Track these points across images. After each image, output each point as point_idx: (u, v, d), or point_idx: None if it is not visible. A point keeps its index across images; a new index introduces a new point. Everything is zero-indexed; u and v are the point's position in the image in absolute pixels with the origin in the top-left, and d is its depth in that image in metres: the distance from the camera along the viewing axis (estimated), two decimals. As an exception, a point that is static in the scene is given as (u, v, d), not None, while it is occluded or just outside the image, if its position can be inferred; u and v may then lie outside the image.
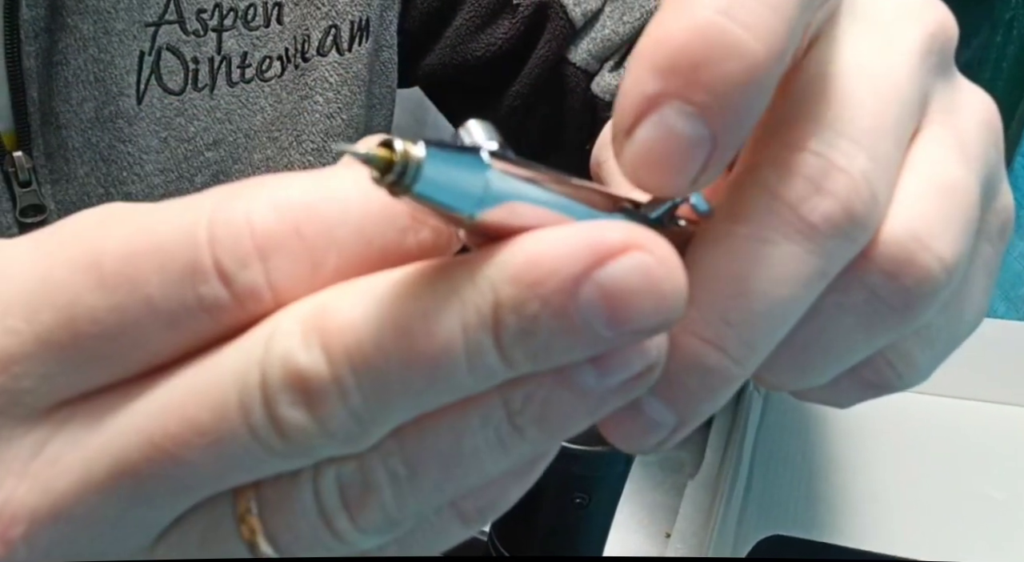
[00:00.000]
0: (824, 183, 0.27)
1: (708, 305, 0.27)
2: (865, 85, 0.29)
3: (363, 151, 0.23)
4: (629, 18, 0.76)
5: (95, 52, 0.61)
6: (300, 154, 0.72)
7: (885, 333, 0.30)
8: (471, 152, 0.24)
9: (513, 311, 0.24)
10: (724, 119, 0.25)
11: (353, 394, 0.24)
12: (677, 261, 0.24)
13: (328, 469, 0.26)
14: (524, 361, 0.24)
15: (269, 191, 0.25)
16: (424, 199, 0.23)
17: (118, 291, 0.25)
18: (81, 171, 0.63)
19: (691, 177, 0.25)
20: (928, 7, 0.32)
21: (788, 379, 0.30)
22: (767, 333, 0.28)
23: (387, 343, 0.24)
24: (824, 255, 0.27)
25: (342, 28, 0.71)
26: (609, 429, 0.28)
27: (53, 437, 0.26)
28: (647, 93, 0.25)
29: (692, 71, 0.24)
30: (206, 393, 0.25)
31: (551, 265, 0.24)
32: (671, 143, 0.25)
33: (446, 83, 0.84)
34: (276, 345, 0.24)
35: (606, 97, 0.76)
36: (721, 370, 0.27)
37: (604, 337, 0.24)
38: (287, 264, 0.25)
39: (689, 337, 0.27)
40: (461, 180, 0.24)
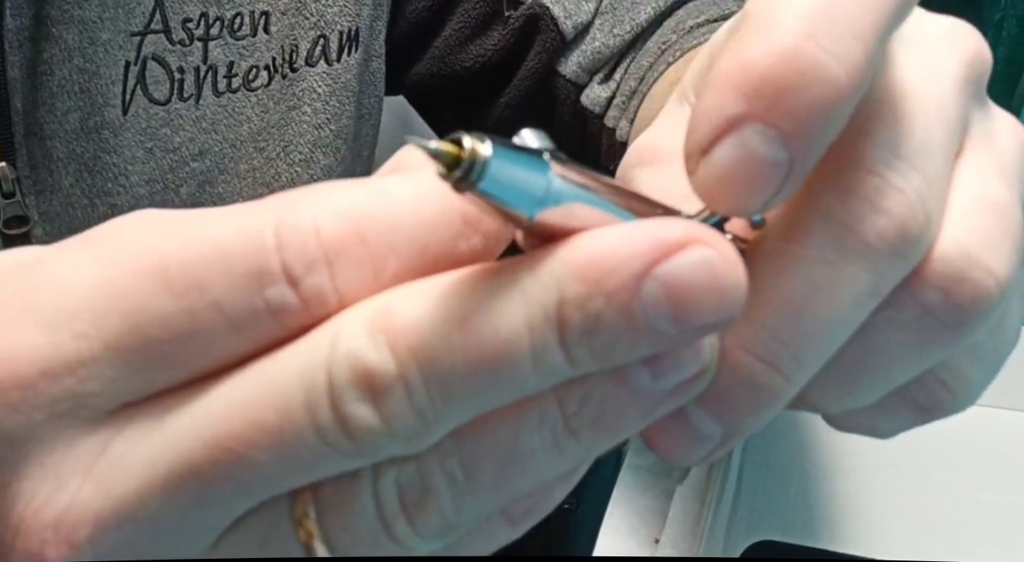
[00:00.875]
0: (880, 202, 0.28)
1: (761, 322, 0.28)
2: (917, 107, 0.29)
3: (433, 146, 0.23)
4: (619, 31, 0.76)
5: (80, 62, 0.61)
6: (288, 164, 0.71)
7: (937, 351, 0.30)
8: (534, 153, 0.25)
9: (578, 308, 0.24)
10: (803, 143, 0.25)
11: (419, 391, 0.24)
12: (737, 256, 0.25)
13: (388, 471, 0.26)
14: (587, 359, 0.25)
15: (332, 198, 0.26)
16: (487, 196, 0.24)
17: (186, 296, 0.26)
18: (66, 182, 0.63)
19: (765, 198, 0.26)
20: (966, 36, 0.33)
21: (835, 398, 0.31)
22: (818, 351, 0.28)
23: (453, 340, 0.24)
24: (878, 274, 0.28)
25: (331, 38, 0.71)
26: (656, 440, 0.29)
27: (116, 438, 0.27)
28: (729, 114, 0.25)
29: (776, 95, 0.25)
30: (272, 393, 0.25)
31: (615, 262, 0.24)
32: (750, 164, 0.25)
33: (434, 93, 0.85)
34: (343, 344, 0.25)
35: (595, 109, 0.77)
36: (771, 386, 0.28)
37: (666, 334, 0.24)
38: (351, 268, 0.26)
39: (742, 353, 0.28)
40: (524, 180, 0.24)
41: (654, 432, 0.29)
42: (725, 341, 0.28)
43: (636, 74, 0.75)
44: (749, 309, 0.27)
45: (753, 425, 0.29)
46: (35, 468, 0.27)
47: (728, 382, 0.28)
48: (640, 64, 0.75)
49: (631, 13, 0.76)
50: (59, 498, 0.27)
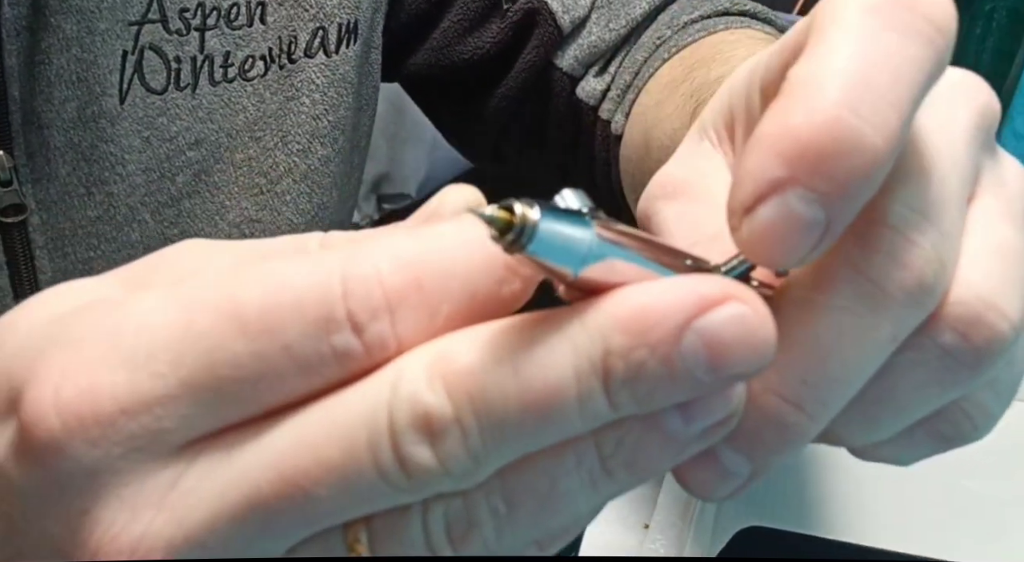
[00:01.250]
0: (900, 257, 0.29)
1: (788, 367, 0.29)
2: (933, 161, 0.31)
3: (488, 213, 0.26)
4: (615, 25, 0.77)
5: (78, 52, 0.61)
6: (285, 155, 0.72)
7: (956, 388, 0.32)
8: (578, 214, 0.27)
9: (622, 358, 0.26)
10: (840, 206, 0.27)
11: (473, 433, 0.26)
12: (768, 312, 0.27)
13: (437, 506, 0.28)
14: (628, 404, 0.27)
15: (393, 246, 0.28)
16: (536, 257, 0.26)
17: (259, 339, 0.27)
18: (63, 171, 0.63)
19: (803, 254, 0.28)
20: (976, 87, 0.34)
21: (859, 433, 0.32)
22: (841, 393, 0.30)
23: (506, 386, 0.26)
24: (897, 322, 0.30)
25: (329, 30, 0.71)
26: (688, 478, 0.31)
27: (187, 471, 0.28)
28: (772, 177, 0.27)
29: (818, 162, 0.27)
30: (336, 432, 0.27)
31: (658, 316, 0.26)
32: (790, 224, 0.27)
33: (431, 83, 0.85)
34: (403, 388, 0.27)
35: (590, 101, 0.78)
36: (797, 426, 0.30)
37: (702, 382, 0.26)
38: (410, 315, 0.28)
39: (770, 396, 0.30)
40: (569, 240, 0.26)
41: (686, 470, 0.30)
42: (753, 385, 0.29)
43: (631, 68, 0.76)
44: (777, 355, 0.28)
45: (778, 461, 0.30)
46: (113, 499, 0.28)
47: (757, 423, 0.30)
48: (635, 58, 0.76)
49: (627, 8, 0.77)
50: (134, 527, 0.28)
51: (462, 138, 0.92)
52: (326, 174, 0.74)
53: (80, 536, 0.28)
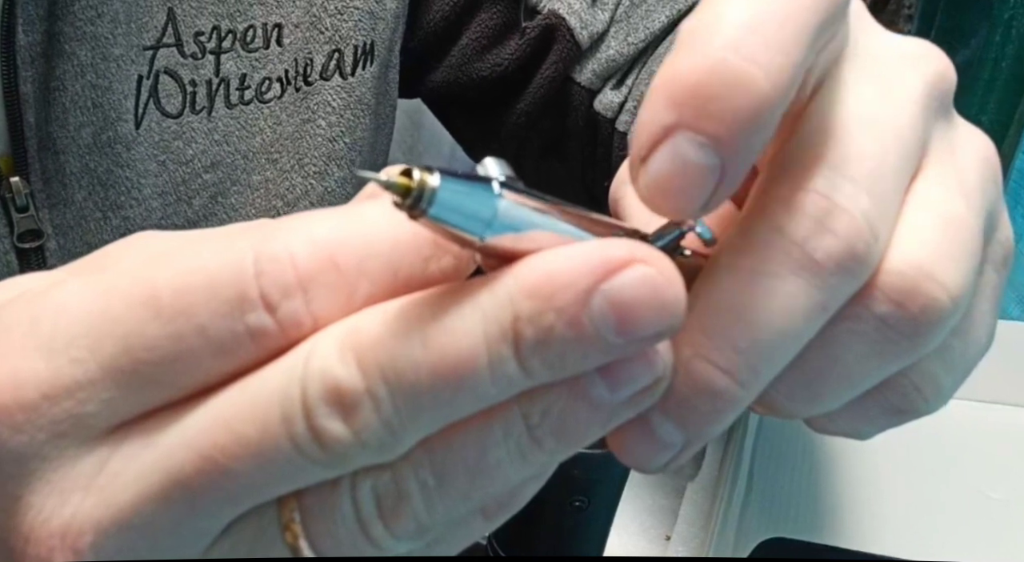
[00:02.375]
0: (828, 222, 0.29)
1: (718, 333, 0.30)
2: (867, 129, 0.31)
3: (384, 178, 0.26)
4: (633, 39, 0.77)
5: (93, 78, 0.61)
6: (302, 177, 0.72)
7: (896, 359, 0.32)
8: (481, 180, 0.27)
9: (530, 322, 0.26)
10: (732, 148, 0.27)
11: (385, 404, 0.27)
12: (676, 273, 0.27)
13: (364, 480, 0.28)
14: (541, 370, 0.27)
15: (307, 227, 0.28)
16: (439, 222, 0.26)
17: (174, 321, 0.28)
18: (79, 196, 0.63)
19: (701, 201, 0.28)
20: (929, 56, 0.35)
21: (803, 403, 0.33)
22: (771, 361, 0.30)
23: (416, 355, 0.26)
24: (826, 289, 0.30)
25: (345, 52, 0.71)
26: (622, 449, 0.31)
27: (113, 455, 0.29)
28: (662, 124, 0.27)
29: (703, 104, 0.27)
30: (251, 409, 0.27)
31: (564, 279, 0.26)
32: (683, 170, 0.27)
33: (450, 99, 0.85)
34: (314, 362, 0.27)
35: (608, 114, 0.78)
36: (729, 393, 0.30)
37: (613, 344, 0.26)
38: (325, 293, 0.28)
39: (700, 362, 0.29)
40: (472, 205, 0.26)
41: (620, 441, 0.31)
42: (683, 351, 0.30)
43: (647, 80, 0.76)
44: (706, 321, 0.30)
45: (713, 431, 0.30)
46: (42, 484, 0.29)
47: (687, 390, 0.30)
48: (652, 70, 0.76)
49: (645, 21, 0.77)
50: (64, 510, 0.29)
51: (481, 152, 0.90)
52: (343, 196, 0.75)
53: (14, 521, 0.29)
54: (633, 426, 0.30)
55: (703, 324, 0.30)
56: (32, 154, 0.61)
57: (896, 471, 0.76)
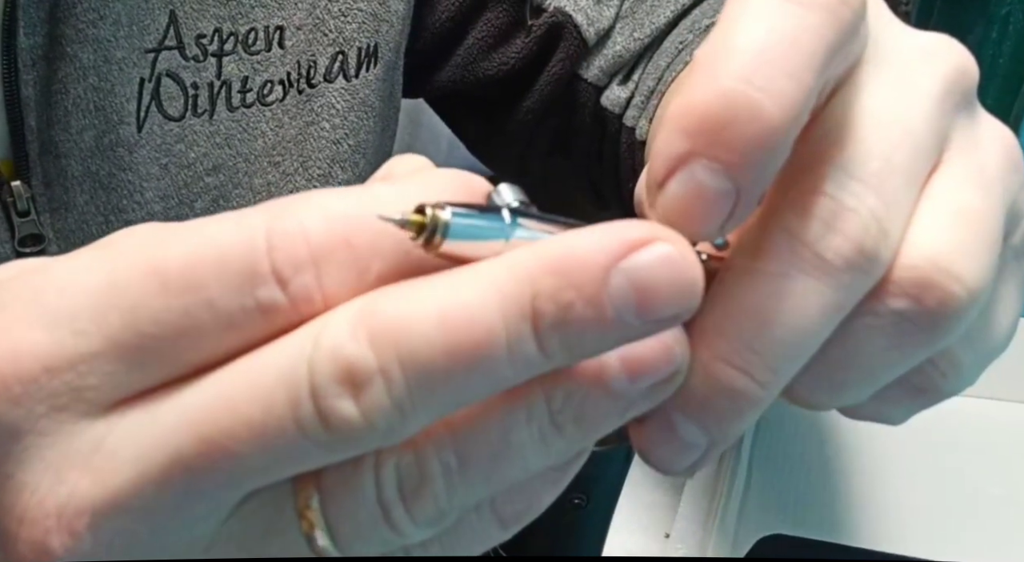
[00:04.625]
0: (835, 223, 0.30)
1: (735, 334, 0.30)
2: (877, 130, 0.32)
3: (398, 217, 0.27)
4: (639, 34, 0.77)
5: (95, 81, 0.61)
6: (306, 180, 0.72)
7: (917, 351, 0.33)
8: (493, 211, 0.28)
9: (550, 300, 0.26)
10: (746, 174, 0.28)
11: (398, 383, 0.26)
12: (694, 254, 0.27)
13: (388, 461, 0.28)
14: (559, 350, 0.27)
15: (321, 204, 0.28)
16: (454, 254, 0.27)
17: (181, 295, 0.27)
18: (80, 199, 0.63)
19: (718, 225, 0.29)
20: (948, 51, 0.35)
21: (827, 398, 0.33)
22: (789, 360, 0.31)
23: (431, 333, 0.26)
24: (840, 288, 0.31)
25: (349, 55, 0.71)
26: (647, 451, 0.32)
27: (112, 432, 0.28)
28: (677, 152, 0.28)
29: (717, 132, 0.28)
30: (256, 387, 0.27)
31: (583, 257, 0.26)
32: (699, 195, 0.28)
33: (455, 99, 0.85)
34: (325, 340, 0.27)
35: (615, 110, 0.78)
36: (748, 393, 0.30)
37: (632, 325, 0.27)
38: (337, 270, 0.28)
39: (719, 363, 0.30)
40: (485, 235, 0.27)
41: (646, 443, 0.32)
42: (702, 354, 0.30)
43: (654, 74, 0.76)
44: (723, 323, 0.30)
45: (736, 431, 0.31)
46: (37, 462, 0.28)
47: (709, 392, 0.30)
48: (658, 64, 0.76)
49: (651, 16, 0.77)
50: (59, 490, 0.28)
51: (487, 151, 0.92)
52: None
53: (7, 501, 0.29)
54: (657, 428, 0.31)
55: (720, 326, 0.30)
56: (33, 158, 0.61)
57: (898, 467, 0.77)
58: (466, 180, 0.30)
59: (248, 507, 0.29)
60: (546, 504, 0.32)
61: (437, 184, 0.30)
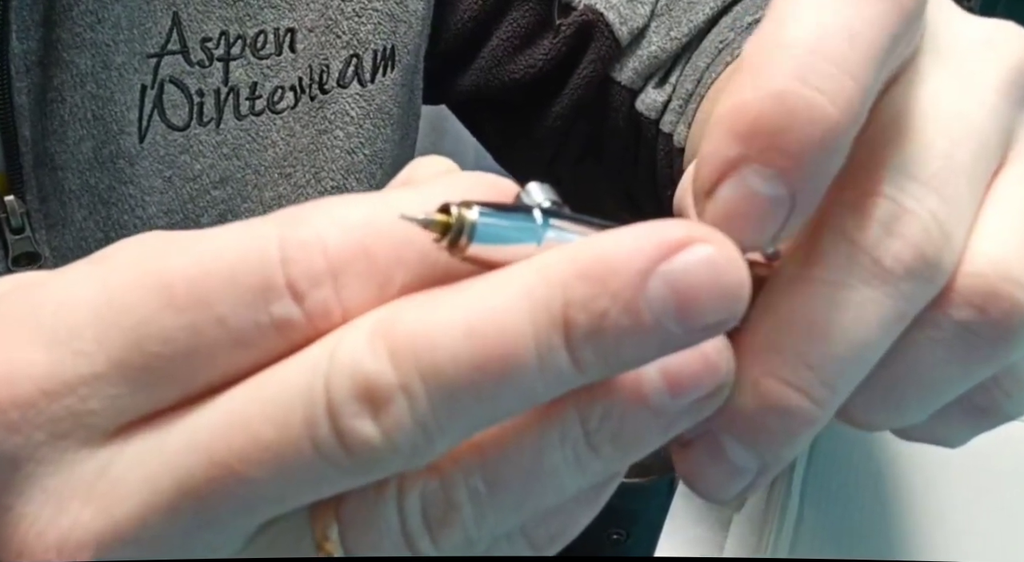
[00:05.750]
0: (895, 227, 0.29)
1: (788, 348, 0.29)
2: (937, 126, 0.30)
3: (422, 217, 0.25)
4: (676, 33, 0.74)
5: (93, 88, 0.59)
6: (319, 193, 0.70)
7: (982, 367, 0.31)
8: (523, 211, 0.27)
9: (583, 308, 0.25)
10: (802, 180, 0.27)
11: (421, 400, 0.25)
12: (738, 254, 0.26)
13: (413, 488, 0.27)
14: (594, 362, 0.25)
15: (338, 212, 0.27)
16: (480, 257, 0.26)
17: (189, 311, 0.26)
18: (79, 215, 0.61)
19: (771, 234, 0.28)
20: (1012, 40, 0.34)
21: (884, 418, 0.32)
22: (847, 375, 0.29)
23: (455, 344, 0.25)
24: (900, 297, 0.29)
25: (364, 58, 0.69)
26: (693, 477, 0.30)
27: (116, 459, 0.27)
28: (727, 157, 0.27)
29: (771, 136, 0.26)
30: (270, 407, 0.26)
31: (619, 261, 0.25)
32: (751, 203, 0.27)
33: (479, 105, 0.83)
34: (342, 355, 0.25)
35: (651, 115, 0.75)
36: (803, 412, 0.29)
37: (673, 333, 0.25)
38: (357, 282, 0.26)
39: (771, 380, 0.29)
40: (515, 237, 0.26)
41: (691, 468, 0.30)
42: (752, 369, 0.29)
43: (692, 76, 0.72)
44: (774, 336, 0.29)
45: (788, 454, 0.30)
46: (37, 492, 0.27)
47: (760, 412, 0.29)
48: (696, 65, 0.73)
49: (688, 14, 0.74)
50: (61, 521, 0.27)
51: (513, 158, 0.89)
52: None
53: (5, 534, 0.27)
54: (704, 452, 0.30)
55: (771, 339, 0.29)
56: (28, 171, 0.59)
57: (963, 502, 0.72)
58: (493, 182, 0.29)
59: (263, 538, 0.28)
60: (582, 526, 0.30)
61: (462, 186, 0.28)
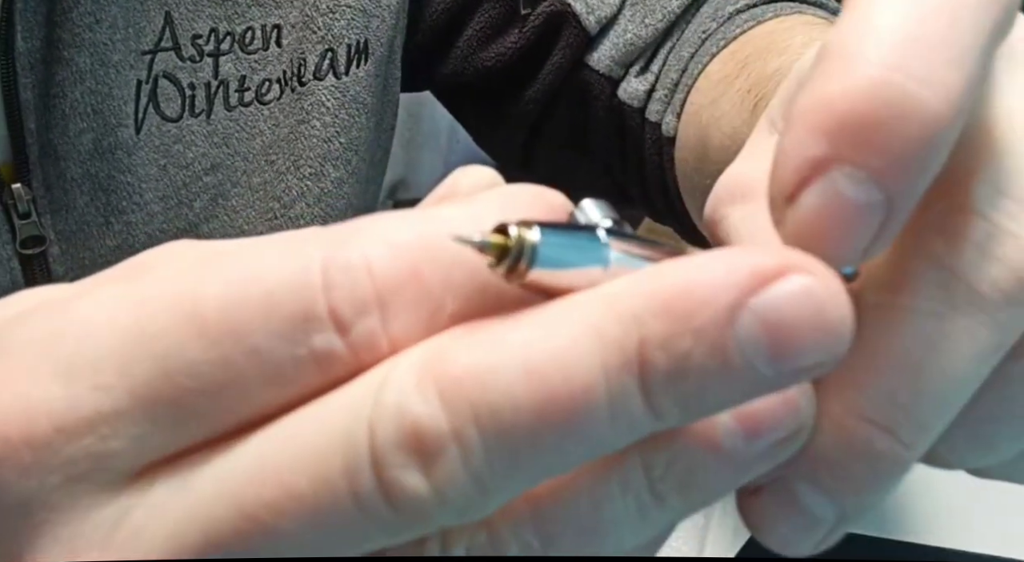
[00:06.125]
0: (991, 249, 0.25)
1: (874, 384, 0.25)
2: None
3: (477, 240, 0.22)
4: (651, 20, 0.75)
5: (92, 84, 0.62)
6: (298, 179, 0.72)
7: None
8: (587, 231, 0.23)
9: (662, 348, 0.22)
10: (899, 183, 0.23)
11: (476, 451, 0.22)
12: (840, 285, 0.22)
13: (458, 542, 0.24)
14: (672, 409, 0.22)
15: (383, 231, 0.24)
16: (541, 284, 0.23)
17: (222, 342, 0.23)
18: (81, 201, 0.64)
19: (863, 246, 0.24)
20: None
21: (971, 456, 0.28)
22: (939, 413, 0.26)
23: (516, 389, 0.22)
24: (998, 327, 0.26)
25: (339, 52, 0.71)
26: (763, 529, 0.27)
27: (137, 505, 0.24)
28: (812, 157, 0.23)
29: (863, 133, 0.23)
30: (306, 454, 0.23)
31: (704, 293, 0.22)
32: (841, 210, 0.23)
33: (459, 90, 0.85)
34: (388, 397, 0.22)
35: (633, 103, 0.75)
36: (891, 456, 0.25)
37: (764, 377, 0.22)
38: (406, 310, 0.23)
39: (855, 420, 0.25)
40: (578, 260, 0.23)
41: (761, 518, 0.27)
42: (832, 408, 0.25)
43: (677, 66, 0.73)
44: (858, 371, 0.25)
45: (871, 502, 0.26)
46: (48, 541, 0.24)
47: (842, 455, 0.25)
48: (680, 55, 0.73)
49: (662, 1, 0.75)
50: None
51: (491, 142, 0.91)
52: (340, 196, 0.75)
53: None
54: (776, 500, 0.26)
55: (855, 375, 0.25)
56: (33, 160, 0.62)
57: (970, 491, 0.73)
58: (541, 195, 0.26)
59: None
60: None
61: (516, 202, 0.25)
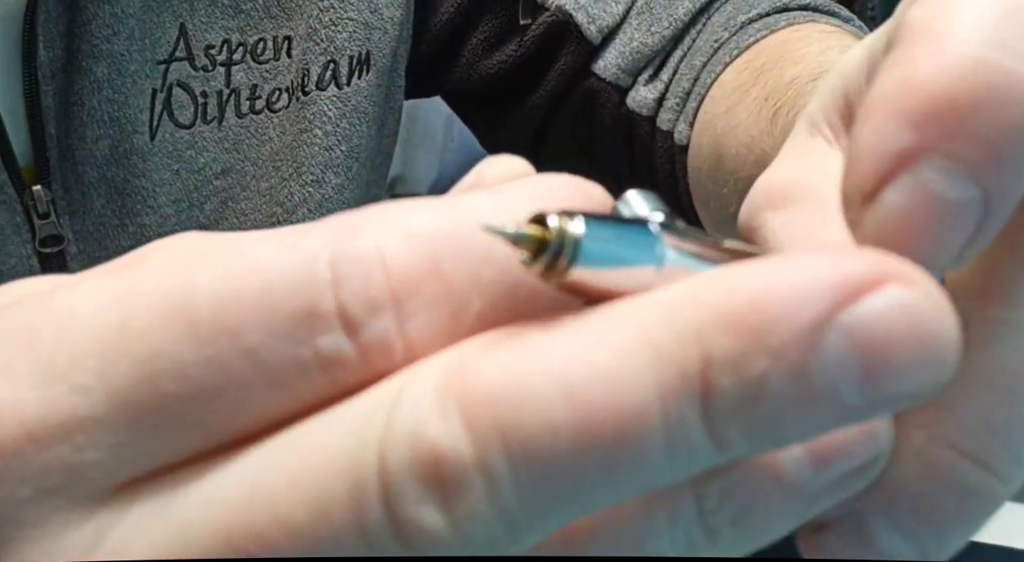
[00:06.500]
0: None
1: (963, 407, 0.22)
2: None
3: (511, 230, 0.19)
4: (657, 28, 0.75)
5: (109, 93, 0.65)
6: (300, 185, 0.74)
7: None
8: (638, 225, 0.21)
9: (730, 370, 0.18)
10: (998, 177, 0.20)
11: (505, 484, 0.18)
12: (944, 298, 0.19)
13: None
14: (738, 441, 0.19)
15: (403, 220, 0.21)
16: (583, 284, 0.20)
17: (214, 342, 0.20)
18: (97, 204, 0.67)
19: (956, 249, 0.21)
20: None
21: None
22: None
23: (554, 411, 0.18)
24: None
25: (340, 63, 0.73)
26: None
27: (115, 524, 0.21)
28: (896, 149, 0.20)
29: (957, 119, 0.20)
30: (305, 480, 0.19)
31: (782, 306, 0.18)
32: (930, 209, 0.20)
33: (467, 97, 0.87)
34: (402, 416, 0.19)
35: (642, 112, 0.75)
36: (982, 490, 0.22)
37: (852, 407, 0.18)
38: (425, 310, 0.20)
39: (941, 448, 0.22)
40: (627, 257, 0.20)
41: (827, 558, 0.23)
42: (917, 435, 0.22)
43: (689, 74, 0.72)
44: (947, 393, 0.21)
45: (956, 542, 0.23)
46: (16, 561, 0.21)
47: (924, 488, 0.22)
48: (692, 64, 0.73)
49: (668, 9, 0.75)
50: None
51: (497, 146, 0.91)
52: (341, 202, 0.76)
53: None
54: (845, 538, 0.23)
55: (943, 397, 0.22)
56: (53, 164, 0.64)
57: None
58: (579, 185, 0.23)
59: None
60: None
61: (548, 191, 0.22)
